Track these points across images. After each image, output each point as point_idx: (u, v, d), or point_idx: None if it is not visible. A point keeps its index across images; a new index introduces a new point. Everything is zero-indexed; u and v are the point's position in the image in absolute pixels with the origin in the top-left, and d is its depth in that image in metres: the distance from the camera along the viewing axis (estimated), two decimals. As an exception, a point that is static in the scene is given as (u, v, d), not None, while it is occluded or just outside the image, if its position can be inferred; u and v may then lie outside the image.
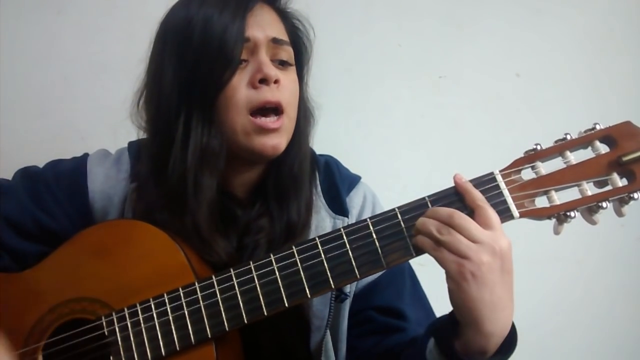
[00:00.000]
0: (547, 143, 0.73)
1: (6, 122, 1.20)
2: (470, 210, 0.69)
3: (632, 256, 1.37)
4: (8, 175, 0.92)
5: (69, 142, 1.20)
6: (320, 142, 1.02)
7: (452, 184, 0.72)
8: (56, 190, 0.86)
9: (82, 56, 1.24)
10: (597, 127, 0.70)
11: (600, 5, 1.34)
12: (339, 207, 0.91)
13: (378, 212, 0.90)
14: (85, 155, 0.93)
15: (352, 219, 0.91)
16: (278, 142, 0.82)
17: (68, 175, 0.88)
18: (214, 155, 0.80)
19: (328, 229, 0.88)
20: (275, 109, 0.82)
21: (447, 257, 0.66)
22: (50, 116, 1.23)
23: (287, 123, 0.84)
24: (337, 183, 0.93)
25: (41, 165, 0.93)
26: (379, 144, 1.31)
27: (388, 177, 1.28)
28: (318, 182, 0.92)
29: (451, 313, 0.71)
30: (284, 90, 0.82)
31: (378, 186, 1.01)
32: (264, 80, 0.80)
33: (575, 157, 0.71)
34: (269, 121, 0.81)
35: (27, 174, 0.89)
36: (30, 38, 1.23)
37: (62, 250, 0.82)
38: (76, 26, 1.24)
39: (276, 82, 0.81)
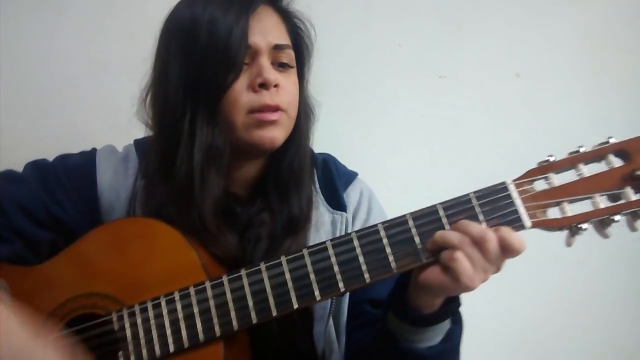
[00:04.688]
0: (548, 145, 0.72)
1: (6, 122, 1.20)
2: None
3: (632, 256, 1.37)
4: (9, 175, 0.93)
5: (69, 142, 1.19)
6: (321, 142, 1.02)
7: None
8: (66, 183, 0.88)
9: (82, 56, 1.24)
10: (611, 140, 0.70)
11: (600, 5, 1.35)
12: (336, 202, 0.93)
13: (374, 207, 0.95)
14: (94, 150, 0.94)
15: (349, 214, 0.93)
16: (275, 134, 0.84)
17: (77, 169, 0.90)
18: (218, 154, 0.82)
19: (327, 224, 0.90)
20: (274, 109, 0.84)
21: (459, 268, 0.66)
22: (51, 116, 1.23)
23: (285, 119, 0.85)
24: (335, 179, 0.95)
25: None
26: (379, 144, 1.31)
27: (388, 177, 1.28)
28: (316, 179, 0.94)
29: (399, 280, 0.76)
30: (284, 93, 0.84)
31: (378, 186, 1.01)
32: (264, 85, 0.82)
33: (588, 170, 0.70)
34: (268, 114, 0.83)
35: (38, 166, 0.90)
36: (30, 38, 1.23)
37: (76, 246, 0.82)
38: (76, 26, 1.24)
39: (276, 86, 0.83)
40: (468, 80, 1.32)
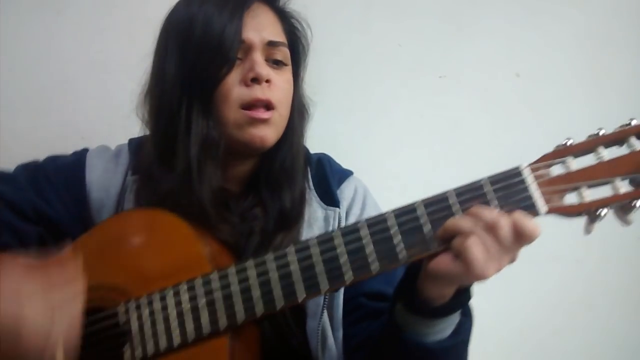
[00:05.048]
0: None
1: (6, 121, 1.20)
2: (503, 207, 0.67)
3: (632, 256, 1.37)
4: (8, 175, 0.93)
5: (69, 142, 1.19)
6: (321, 142, 1.02)
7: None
8: (55, 181, 0.89)
9: (82, 56, 1.24)
10: (633, 122, 0.66)
11: (600, 5, 1.34)
12: (330, 199, 0.93)
13: (368, 203, 0.95)
14: (85, 150, 0.95)
15: (342, 210, 0.93)
16: (267, 133, 0.85)
17: (67, 167, 0.91)
18: (214, 145, 0.84)
19: (320, 220, 0.91)
20: (265, 106, 0.85)
21: (472, 255, 0.64)
22: (50, 116, 1.24)
23: (277, 118, 0.86)
24: (328, 177, 0.95)
25: (41, 164, 0.93)
26: (379, 144, 1.31)
27: (388, 177, 1.28)
28: (310, 177, 0.95)
29: (408, 271, 0.74)
30: (276, 89, 0.86)
31: (378, 186, 1.01)
32: (256, 80, 0.84)
33: (609, 153, 0.66)
34: (260, 112, 0.84)
35: (28, 166, 0.92)
36: (30, 38, 1.23)
37: (84, 238, 0.82)
38: (76, 26, 1.24)
39: (268, 81, 0.84)
40: (468, 80, 1.32)
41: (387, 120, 1.31)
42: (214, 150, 0.84)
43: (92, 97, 1.24)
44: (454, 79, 1.32)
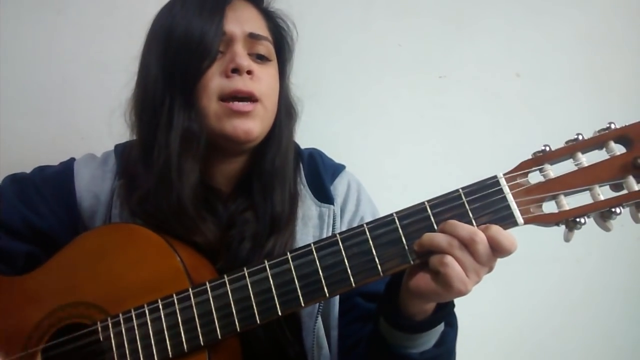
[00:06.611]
0: (548, 143, 0.69)
1: (6, 122, 1.20)
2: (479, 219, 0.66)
3: (632, 256, 1.37)
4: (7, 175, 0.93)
5: (69, 142, 1.20)
6: (319, 141, 1.02)
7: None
8: (44, 191, 0.89)
9: (82, 56, 1.24)
10: (612, 126, 0.65)
11: (600, 4, 1.34)
12: (323, 195, 0.92)
13: (362, 199, 0.95)
14: (72, 159, 0.95)
15: (337, 206, 0.92)
16: (250, 126, 0.84)
17: (55, 177, 0.91)
18: (195, 138, 0.83)
19: (315, 218, 0.90)
20: (248, 98, 0.84)
21: (451, 273, 0.64)
22: (50, 116, 1.23)
23: (261, 111, 0.85)
24: (321, 173, 0.95)
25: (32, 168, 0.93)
26: (379, 144, 1.31)
27: (388, 177, 1.28)
28: (302, 174, 0.94)
29: (389, 283, 0.74)
30: (259, 82, 0.85)
31: (377, 186, 1.01)
32: (236, 70, 0.83)
33: (587, 159, 0.66)
34: (241, 105, 0.83)
35: (15, 179, 0.92)
36: (30, 38, 1.22)
37: (61, 255, 0.82)
38: (76, 26, 1.24)
39: (249, 72, 0.84)
40: (468, 80, 1.32)
41: (387, 119, 1.31)
42: (195, 144, 0.83)
43: (92, 97, 1.24)
44: (454, 79, 1.32)
